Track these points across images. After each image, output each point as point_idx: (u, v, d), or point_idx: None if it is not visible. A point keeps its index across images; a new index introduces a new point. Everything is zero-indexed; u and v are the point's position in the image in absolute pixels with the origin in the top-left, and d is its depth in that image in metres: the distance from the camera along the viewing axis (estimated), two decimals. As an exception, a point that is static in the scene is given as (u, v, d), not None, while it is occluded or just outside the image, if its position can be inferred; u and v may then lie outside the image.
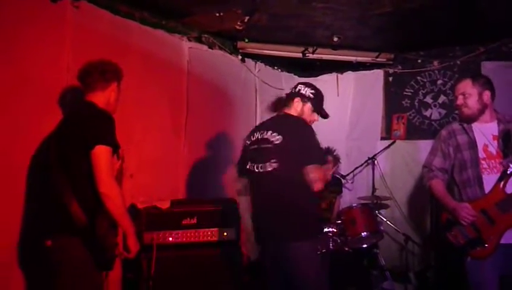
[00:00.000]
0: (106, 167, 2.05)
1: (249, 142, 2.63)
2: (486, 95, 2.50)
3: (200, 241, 3.07)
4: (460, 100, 2.52)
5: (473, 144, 2.48)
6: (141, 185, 3.27)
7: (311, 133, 2.47)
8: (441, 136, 2.64)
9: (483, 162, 2.43)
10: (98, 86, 2.26)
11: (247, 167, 2.58)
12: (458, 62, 4.58)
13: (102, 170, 2.03)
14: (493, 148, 2.44)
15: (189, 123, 3.82)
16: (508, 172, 2.34)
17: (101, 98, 2.26)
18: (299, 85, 2.66)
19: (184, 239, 3.04)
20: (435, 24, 3.90)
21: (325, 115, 2.69)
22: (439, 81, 4.71)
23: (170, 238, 3.00)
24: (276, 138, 2.45)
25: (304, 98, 2.60)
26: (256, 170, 2.51)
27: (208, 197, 3.64)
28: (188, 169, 3.81)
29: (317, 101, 2.64)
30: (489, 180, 2.40)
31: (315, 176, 2.37)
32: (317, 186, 2.40)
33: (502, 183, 2.34)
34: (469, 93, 2.49)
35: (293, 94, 2.64)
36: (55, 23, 2.81)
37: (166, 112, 3.65)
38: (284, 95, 2.91)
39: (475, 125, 2.52)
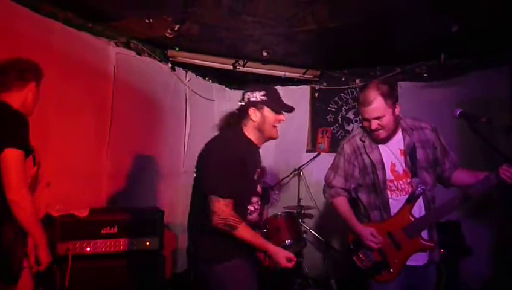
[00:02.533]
0: (16, 172, 1.93)
1: None
2: (398, 108, 2.29)
3: (121, 251, 2.96)
4: (375, 125, 2.24)
5: (380, 166, 2.31)
6: (59, 194, 3.09)
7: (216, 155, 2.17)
8: (345, 154, 2.44)
9: (390, 184, 2.30)
10: (14, 86, 2.13)
11: None
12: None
13: (12, 175, 1.91)
14: (400, 166, 2.31)
15: (113, 130, 3.69)
16: (416, 194, 2.24)
17: (16, 98, 2.14)
18: (246, 94, 2.29)
19: (103, 249, 2.91)
20: (357, 44, 4.15)
21: (289, 109, 2.30)
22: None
23: (88, 249, 2.86)
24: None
25: (258, 104, 2.25)
26: None
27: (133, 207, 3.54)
28: (112, 178, 3.67)
29: (273, 100, 2.27)
30: (396, 203, 2.29)
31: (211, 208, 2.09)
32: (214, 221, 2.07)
33: (410, 205, 2.25)
34: (383, 115, 2.23)
35: (245, 106, 2.28)
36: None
37: (89, 118, 3.50)
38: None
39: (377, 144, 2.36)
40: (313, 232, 4.43)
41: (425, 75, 4.65)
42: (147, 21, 3.54)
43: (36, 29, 3.04)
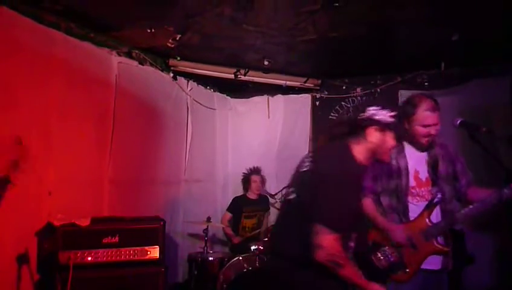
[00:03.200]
0: None
1: None
2: None
3: (122, 260, 2.96)
4: (434, 130, 2.35)
5: (405, 172, 2.42)
6: (61, 202, 3.10)
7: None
8: None
9: (412, 190, 2.42)
10: None
11: None
12: (378, 90, 4.93)
13: None
14: (423, 174, 2.43)
15: (115, 139, 3.70)
16: (435, 201, 2.36)
17: None
18: (370, 109, 1.95)
19: (104, 258, 2.91)
20: (358, 53, 4.18)
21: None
22: (361, 107, 5.02)
23: (89, 258, 2.86)
24: None
25: (382, 125, 1.93)
26: None
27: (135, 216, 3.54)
28: (113, 187, 3.67)
29: (399, 125, 2.06)
30: (415, 209, 2.40)
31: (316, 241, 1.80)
32: (318, 255, 1.78)
33: (429, 211, 2.36)
34: (439, 123, 2.37)
35: (364, 122, 1.94)
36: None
37: (91, 128, 3.51)
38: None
39: (407, 149, 2.46)
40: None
41: (426, 83, 4.67)
42: (148, 31, 3.57)
43: (39, 39, 3.06)
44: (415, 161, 2.44)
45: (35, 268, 2.89)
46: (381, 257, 2.41)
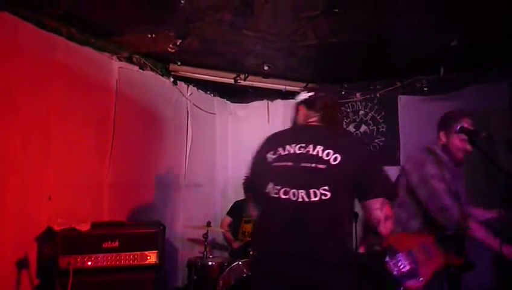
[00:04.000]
0: None
1: (273, 156, 1.98)
2: None
3: (122, 265, 2.95)
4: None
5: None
6: (61, 207, 3.10)
7: (376, 156, 2.03)
8: (433, 175, 2.49)
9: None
10: None
11: (266, 190, 1.93)
12: (378, 95, 4.95)
13: None
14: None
15: (115, 144, 3.70)
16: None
17: None
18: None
19: (104, 263, 2.90)
20: (357, 59, 4.20)
21: None
22: (361, 112, 5.04)
23: (89, 263, 2.85)
24: (333, 157, 1.85)
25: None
26: (288, 197, 1.85)
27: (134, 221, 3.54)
28: (113, 191, 3.66)
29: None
30: None
31: (384, 213, 1.83)
32: (387, 227, 1.86)
33: None
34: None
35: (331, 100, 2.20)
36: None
37: (91, 132, 3.51)
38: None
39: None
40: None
41: (425, 88, 4.68)
42: (149, 36, 3.59)
43: (40, 44, 3.07)
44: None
45: (35, 273, 2.89)
46: (398, 264, 2.40)
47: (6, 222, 2.72)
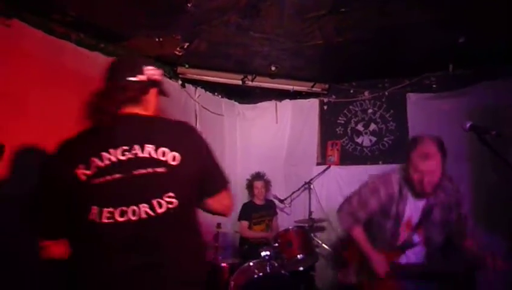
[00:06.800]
0: None
1: (87, 172, 1.47)
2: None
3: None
4: (428, 179, 2.25)
5: (400, 219, 2.41)
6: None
7: (206, 141, 1.74)
8: (379, 196, 2.44)
9: (402, 232, 2.43)
10: None
11: (90, 218, 1.42)
12: (386, 93, 4.93)
13: None
14: (416, 219, 2.41)
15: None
16: (408, 245, 2.42)
17: None
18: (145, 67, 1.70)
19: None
20: (365, 57, 4.18)
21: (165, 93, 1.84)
22: (370, 110, 5.02)
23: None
24: (171, 156, 1.53)
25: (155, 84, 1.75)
26: (126, 219, 1.43)
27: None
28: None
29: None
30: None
31: (229, 202, 1.75)
32: (229, 212, 1.80)
33: (397, 252, 2.42)
34: (438, 171, 2.26)
35: (148, 83, 1.69)
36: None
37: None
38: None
39: (410, 196, 2.41)
40: (325, 245, 4.39)
41: (434, 86, 4.66)
42: (157, 40, 3.62)
43: (49, 49, 3.11)
44: (414, 208, 2.40)
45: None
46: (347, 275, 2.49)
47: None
